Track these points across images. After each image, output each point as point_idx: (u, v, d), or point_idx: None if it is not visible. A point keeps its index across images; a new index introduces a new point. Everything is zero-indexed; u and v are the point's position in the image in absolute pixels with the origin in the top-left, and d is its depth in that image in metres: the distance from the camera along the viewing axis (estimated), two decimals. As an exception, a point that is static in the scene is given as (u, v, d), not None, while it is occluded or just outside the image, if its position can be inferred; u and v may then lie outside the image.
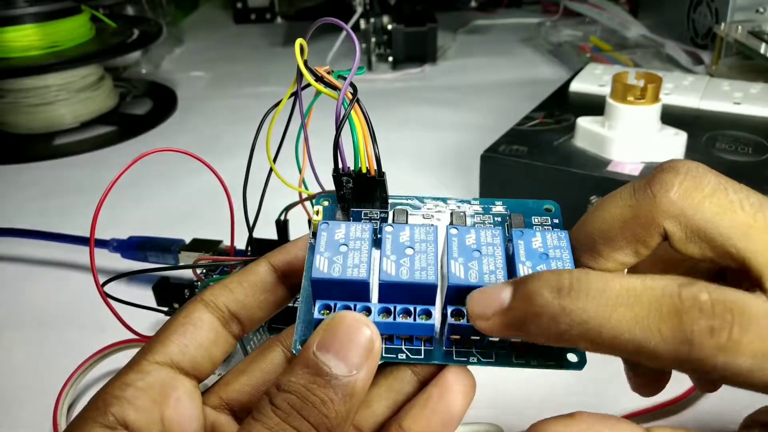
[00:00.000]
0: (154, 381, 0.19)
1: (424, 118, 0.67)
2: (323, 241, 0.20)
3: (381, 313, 0.19)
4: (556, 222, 0.23)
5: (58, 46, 0.65)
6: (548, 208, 0.23)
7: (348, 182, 0.22)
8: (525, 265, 0.19)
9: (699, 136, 0.44)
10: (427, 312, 0.19)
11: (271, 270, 0.22)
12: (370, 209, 0.23)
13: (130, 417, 0.18)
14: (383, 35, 0.81)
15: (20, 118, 0.66)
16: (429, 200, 0.23)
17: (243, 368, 0.21)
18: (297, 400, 0.17)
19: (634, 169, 0.41)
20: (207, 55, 0.94)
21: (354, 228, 0.20)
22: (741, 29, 0.63)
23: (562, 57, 0.82)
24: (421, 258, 0.19)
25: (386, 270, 0.19)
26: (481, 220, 0.23)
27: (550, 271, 0.17)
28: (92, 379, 0.34)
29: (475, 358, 0.20)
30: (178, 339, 0.20)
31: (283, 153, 0.29)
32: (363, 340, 0.17)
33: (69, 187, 0.56)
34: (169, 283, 0.35)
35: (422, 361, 0.20)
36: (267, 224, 0.36)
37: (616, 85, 0.42)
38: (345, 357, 0.17)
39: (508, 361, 0.20)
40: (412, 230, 0.20)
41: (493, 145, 0.45)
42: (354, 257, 0.19)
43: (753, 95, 0.50)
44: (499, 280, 0.19)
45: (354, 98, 0.20)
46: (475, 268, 0.19)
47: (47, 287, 0.42)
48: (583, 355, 0.20)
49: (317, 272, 0.19)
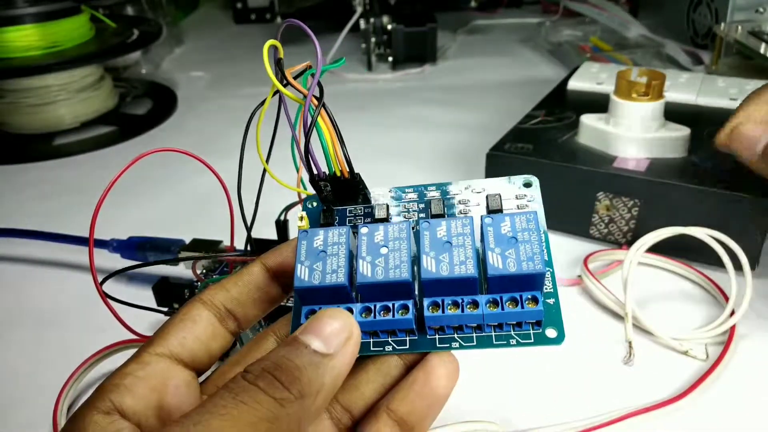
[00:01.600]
0: (153, 371, 0.20)
1: (424, 118, 0.67)
2: (303, 250, 0.21)
3: (362, 312, 0.20)
4: (534, 196, 0.23)
5: (58, 46, 0.65)
6: (527, 183, 0.24)
7: (326, 186, 0.23)
8: (494, 252, 0.20)
9: (700, 131, 0.44)
10: (404, 306, 0.20)
11: (264, 270, 0.23)
12: (354, 206, 0.24)
13: (127, 403, 0.19)
14: (383, 35, 0.81)
15: (20, 118, 0.66)
16: (410, 190, 0.24)
17: (238, 359, 0.22)
18: (271, 365, 0.17)
19: (640, 165, 0.41)
20: (207, 55, 0.94)
21: (331, 234, 0.21)
22: (741, 29, 0.62)
23: (562, 57, 0.82)
24: (395, 256, 0.20)
25: (362, 272, 0.20)
26: (462, 201, 0.23)
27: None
28: (93, 379, 0.34)
29: (456, 343, 0.21)
30: (177, 333, 0.21)
31: (283, 153, 0.29)
32: (342, 326, 0.19)
33: (69, 188, 0.56)
34: (169, 284, 0.36)
35: (408, 351, 0.21)
36: (267, 224, 0.36)
37: (621, 82, 0.42)
38: (325, 339, 0.18)
39: (488, 342, 0.21)
40: (386, 230, 0.21)
41: (498, 143, 0.45)
42: (332, 263, 0.20)
43: (748, 91, 0.50)
44: (470, 270, 0.19)
45: (320, 104, 0.21)
46: (446, 260, 0.20)
47: (47, 287, 0.42)
48: (562, 330, 0.20)
49: (299, 281, 0.20)
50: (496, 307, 0.20)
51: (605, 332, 0.36)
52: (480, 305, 0.20)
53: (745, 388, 0.32)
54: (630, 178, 0.40)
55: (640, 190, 0.40)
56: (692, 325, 0.36)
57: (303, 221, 0.23)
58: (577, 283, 0.39)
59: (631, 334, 0.34)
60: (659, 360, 0.34)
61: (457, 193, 0.24)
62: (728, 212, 0.37)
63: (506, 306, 0.20)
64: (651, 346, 0.34)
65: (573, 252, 0.42)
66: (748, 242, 0.37)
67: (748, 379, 0.32)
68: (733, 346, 0.34)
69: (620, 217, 0.41)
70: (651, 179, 0.39)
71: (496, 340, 0.21)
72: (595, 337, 0.35)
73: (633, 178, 0.40)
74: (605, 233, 0.43)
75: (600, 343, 0.35)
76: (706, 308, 0.37)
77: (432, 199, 0.23)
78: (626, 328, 0.34)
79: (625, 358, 0.33)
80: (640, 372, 0.33)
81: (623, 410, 0.30)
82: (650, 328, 0.34)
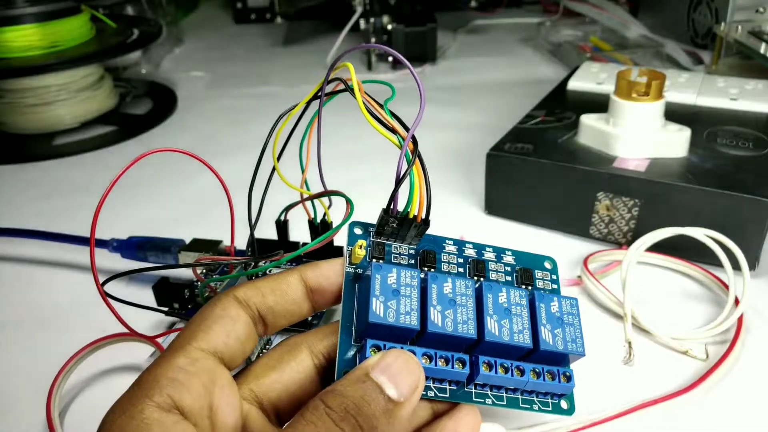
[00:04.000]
0: (202, 368, 0.19)
1: (424, 117, 0.67)
2: (378, 285, 0.21)
3: (423, 356, 0.21)
4: (554, 278, 0.26)
5: (58, 46, 0.65)
6: (547, 264, 0.26)
7: (393, 222, 0.23)
8: (546, 328, 0.22)
9: (699, 131, 0.44)
10: (461, 360, 0.22)
11: (302, 284, 0.23)
12: (399, 244, 0.25)
13: (186, 401, 0.18)
14: (383, 35, 0.81)
15: (20, 118, 0.66)
16: (450, 242, 0.26)
17: (272, 364, 0.22)
18: (353, 407, 0.18)
19: (640, 165, 0.41)
20: (207, 55, 0.94)
21: (404, 274, 0.22)
22: (741, 29, 0.63)
23: (562, 57, 0.82)
24: (462, 311, 0.22)
25: (433, 320, 0.21)
26: (495, 268, 0.25)
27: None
28: (84, 373, 0.34)
29: (490, 399, 0.23)
30: (221, 330, 0.20)
31: (284, 153, 0.29)
32: (415, 375, 0.19)
33: (69, 187, 0.56)
34: (169, 283, 0.35)
35: (447, 399, 0.22)
36: (268, 224, 0.36)
37: (621, 82, 0.42)
38: (398, 384, 0.19)
39: (515, 404, 0.23)
40: (453, 283, 0.22)
41: (498, 143, 0.45)
42: (405, 304, 0.21)
43: (748, 91, 0.50)
44: (527, 340, 0.22)
45: (415, 153, 0.22)
46: (507, 326, 0.22)
47: (47, 287, 0.42)
48: (572, 404, 0.24)
49: (375, 316, 0.21)
50: (538, 377, 0.22)
51: (605, 332, 0.36)
52: (525, 373, 0.22)
53: (749, 387, 0.32)
54: (630, 178, 0.40)
55: (640, 190, 0.40)
56: (693, 324, 0.36)
57: (362, 249, 0.23)
58: (577, 283, 0.39)
59: (631, 335, 0.34)
60: (659, 360, 0.34)
61: (490, 258, 0.26)
62: (728, 212, 0.37)
63: (546, 377, 0.22)
64: (651, 346, 0.34)
65: (573, 252, 0.42)
66: (748, 242, 0.37)
67: (749, 378, 0.32)
68: (738, 345, 0.34)
69: (620, 217, 0.41)
70: (651, 179, 0.39)
71: (522, 404, 0.23)
72: (595, 337, 0.35)
73: (633, 178, 0.40)
74: (605, 233, 0.43)
75: (600, 343, 0.35)
76: (708, 307, 0.37)
77: (475, 258, 0.25)
78: (625, 328, 0.34)
79: (624, 358, 0.33)
80: (640, 372, 0.33)
81: (629, 404, 0.30)
82: (650, 328, 0.34)
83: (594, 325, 0.36)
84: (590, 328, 0.36)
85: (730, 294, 0.35)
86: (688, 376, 0.32)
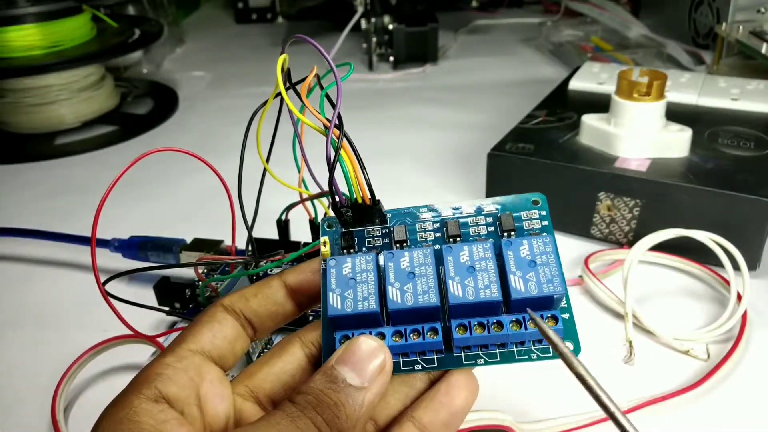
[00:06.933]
0: (190, 363, 0.21)
1: (425, 117, 0.67)
2: (333, 278, 0.21)
3: (393, 336, 0.21)
4: (543, 214, 0.24)
5: (60, 45, 0.65)
6: (535, 201, 0.24)
7: (347, 212, 0.23)
8: (516, 275, 0.21)
9: (701, 132, 0.44)
10: (433, 329, 0.21)
11: (282, 287, 0.24)
12: (372, 227, 0.24)
13: (172, 390, 0.20)
14: (384, 35, 0.81)
15: (21, 117, 0.66)
16: (424, 210, 0.25)
17: (266, 360, 0.23)
18: (313, 400, 0.19)
19: (641, 165, 0.41)
20: (208, 55, 0.94)
21: (359, 261, 0.22)
22: (742, 29, 0.63)
23: (563, 57, 0.82)
24: (422, 282, 0.21)
25: (393, 298, 0.21)
26: (475, 222, 0.24)
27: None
28: (89, 374, 0.34)
29: (482, 359, 0.22)
30: (208, 332, 0.22)
31: (284, 153, 0.29)
32: (377, 361, 0.20)
33: (70, 187, 0.56)
34: (170, 283, 0.35)
35: (436, 369, 0.22)
36: (268, 224, 0.36)
37: (622, 83, 0.42)
38: (360, 372, 0.20)
39: (511, 358, 0.22)
40: (411, 255, 0.22)
41: (499, 143, 0.45)
42: (362, 290, 0.21)
43: (750, 91, 0.50)
44: (494, 294, 0.21)
45: (341, 135, 0.21)
46: (471, 285, 0.21)
47: (48, 287, 0.42)
48: (578, 343, 0.22)
49: (333, 309, 0.21)
50: (519, 327, 0.21)
51: (607, 332, 0.36)
52: (504, 326, 0.21)
53: (751, 387, 0.32)
54: (631, 178, 0.40)
55: (641, 190, 0.40)
56: (695, 323, 0.36)
57: (326, 246, 0.23)
58: (579, 283, 0.39)
59: (632, 334, 0.34)
60: (660, 359, 0.34)
61: (470, 213, 0.24)
62: (729, 212, 0.37)
63: (528, 326, 0.21)
64: (652, 346, 0.34)
65: (574, 252, 0.42)
66: (749, 242, 0.37)
67: (751, 379, 0.32)
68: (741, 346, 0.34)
69: (621, 217, 0.41)
70: (652, 179, 0.39)
71: (519, 355, 0.22)
72: (596, 337, 0.35)
73: (634, 178, 0.40)
74: (606, 233, 0.43)
75: (602, 343, 0.35)
76: (709, 306, 0.37)
77: (448, 220, 0.24)
78: (626, 328, 0.34)
79: (625, 358, 0.33)
80: (640, 372, 0.33)
81: (632, 402, 0.30)
82: (651, 327, 0.34)
83: (595, 324, 0.36)
84: (591, 328, 0.36)
85: (732, 294, 0.35)
86: (689, 376, 0.32)
